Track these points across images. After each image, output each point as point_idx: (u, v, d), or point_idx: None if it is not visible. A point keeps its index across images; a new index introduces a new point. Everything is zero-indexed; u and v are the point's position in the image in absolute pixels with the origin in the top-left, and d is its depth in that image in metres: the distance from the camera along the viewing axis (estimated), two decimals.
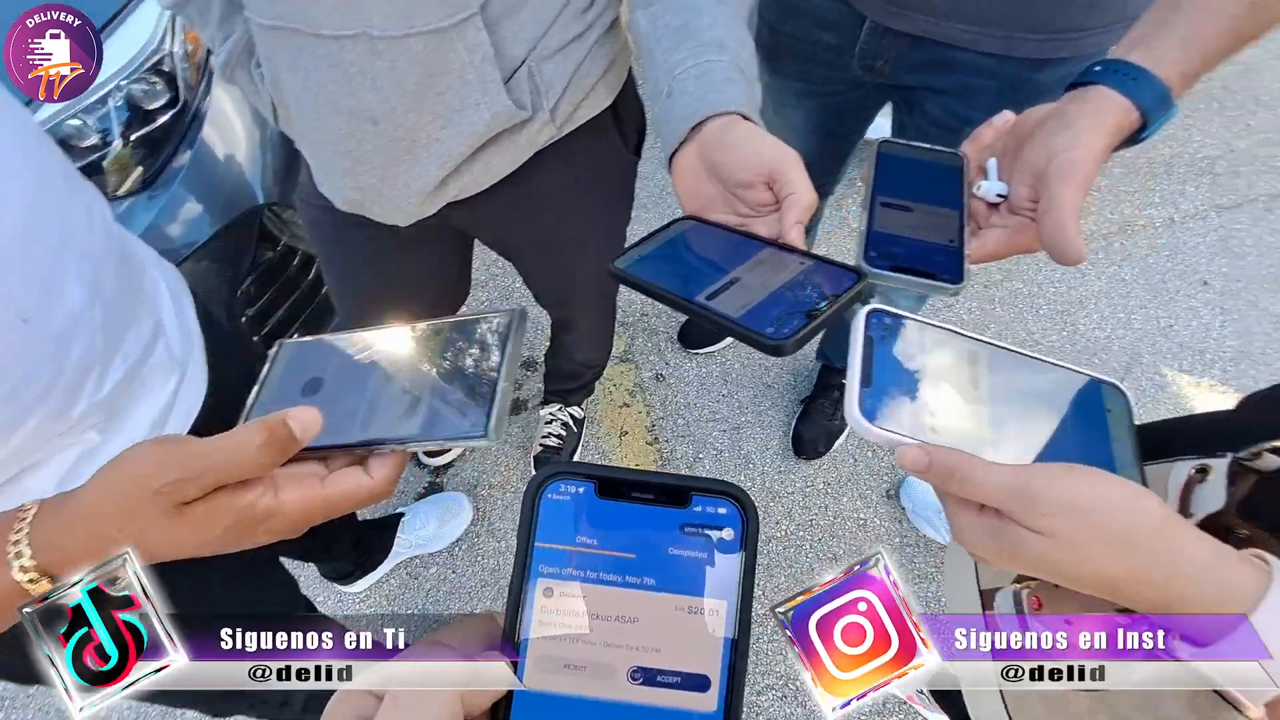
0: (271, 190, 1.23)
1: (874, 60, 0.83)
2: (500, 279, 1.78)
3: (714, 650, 0.25)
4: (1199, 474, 0.45)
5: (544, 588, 0.26)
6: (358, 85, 0.60)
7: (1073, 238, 0.42)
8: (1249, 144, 2.04)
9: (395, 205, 0.70)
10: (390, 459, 0.36)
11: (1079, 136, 0.43)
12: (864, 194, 0.50)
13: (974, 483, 0.34)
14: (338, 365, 0.40)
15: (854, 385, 0.38)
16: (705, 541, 0.27)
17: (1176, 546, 0.32)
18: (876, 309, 0.41)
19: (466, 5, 0.57)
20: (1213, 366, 1.67)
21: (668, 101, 0.50)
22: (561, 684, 0.25)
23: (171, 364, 0.61)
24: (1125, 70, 0.45)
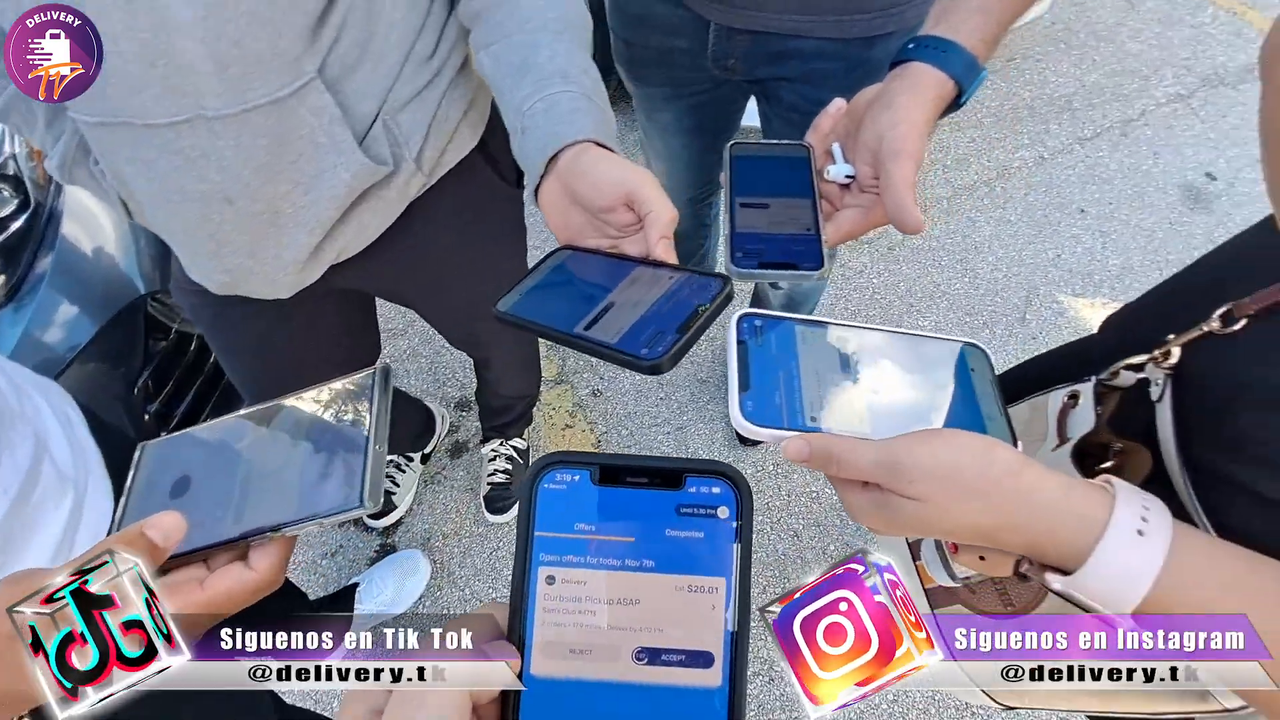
0: (152, 277, 1.17)
1: (726, 59, 0.87)
2: (420, 324, 1.74)
3: (716, 627, 0.26)
4: (1070, 400, 0.49)
5: (546, 575, 0.27)
6: (203, 168, 0.58)
7: (910, 209, 0.44)
8: (1096, 77, 2.21)
9: (271, 280, 0.67)
10: (271, 547, 0.35)
11: (901, 113, 0.46)
12: (725, 197, 0.53)
13: (849, 463, 0.36)
14: (204, 459, 0.39)
15: (733, 390, 0.40)
16: (701, 521, 0.27)
17: (1028, 488, 0.34)
18: (746, 313, 0.43)
19: (301, 72, 0.55)
20: (1101, 286, 1.79)
21: (522, 138, 0.51)
22: (568, 668, 0.26)
23: (63, 485, 0.58)
24: (934, 45, 0.49)
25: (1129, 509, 0.33)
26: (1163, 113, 2.12)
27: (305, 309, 0.81)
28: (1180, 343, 0.43)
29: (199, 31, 0.51)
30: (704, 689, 0.25)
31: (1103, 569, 0.32)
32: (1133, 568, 0.32)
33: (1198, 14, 2.35)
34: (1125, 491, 0.34)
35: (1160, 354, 0.44)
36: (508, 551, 1.45)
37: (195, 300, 0.78)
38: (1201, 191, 1.96)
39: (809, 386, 0.41)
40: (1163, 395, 0.44)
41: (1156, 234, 1.88)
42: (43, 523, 0.55)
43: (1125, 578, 0.32)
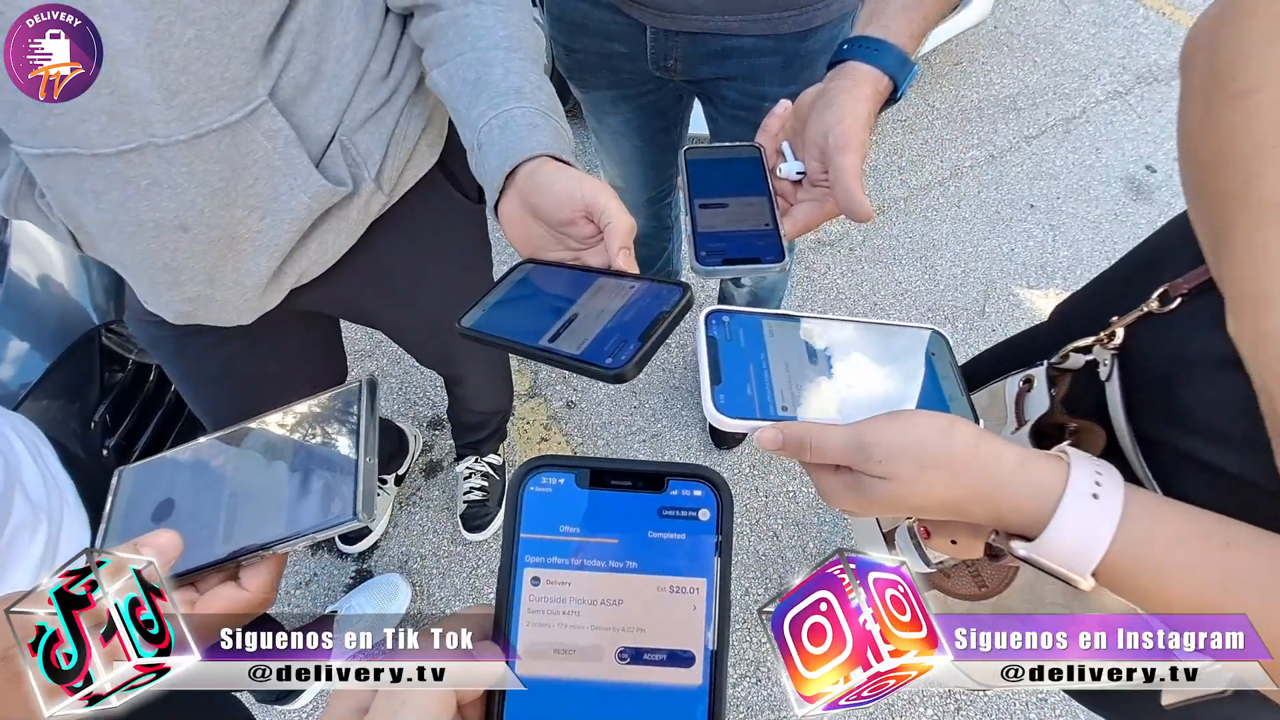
0: (105, 308, 1.14)
1: (665, 61, 0.89)
2: (386, 345, 1.72)
3: (697, 626, 0.26)
4: (1025, 384, 0.51)
5: (531, 577, 0.27)
6: (155, 196, 0.57)
7: (859, 198, 0.47)
8: (1038, 77, 2.30)
9: (232, 306, 0.66)
10: (262, 566, 0.35)
11: (844, 110, 0.49)
12: (683, 200, 0.54)
13: (819, 448, 0.38)
14: (187, 481, 0.39)
15: (705, 385, 0.41)
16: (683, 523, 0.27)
17: (988, 458, 0.36)
18: (714, 310, 0.44)
19: (253, 95, 0.55)
20: (1054, 277, 1.86)
21: (479, 155, 0.51)
22: (553, 668, 0.26)
23: (36, 516, 0.57)
24: (867, 44, 0.52)
25: (1083, 474, 0.35)
26: (1102, 110, 2.21)
27: (268, 335, 0.79)
28: (1123, 324, 0.45)
29: (143, 58, 0.50)
30: (685, 688, 0.26)
31: (1063, 531, 0.34)
32: (1090, 528, 0.34)
33: (1130, 15, 2.47)
34: (1079, 459, 0.36)
35: (1105, 336, 0.46)
36: (488, 569, 1.43)
37: (153, 332, 0.77)
38: (1143, 183, 2.04)
39: (778, 377, 0.42)
40: (1110, 374, 0.46)
41: (1103, 225, 1.95)
42: (18, 555, 0.55)
43: (1084, 538, 0.34)
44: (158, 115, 0.52)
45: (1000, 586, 0.53)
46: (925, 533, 0.51)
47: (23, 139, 0.54)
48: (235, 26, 0.52)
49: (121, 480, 0.40)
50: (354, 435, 0.36)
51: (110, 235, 0.59)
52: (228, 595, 0.34)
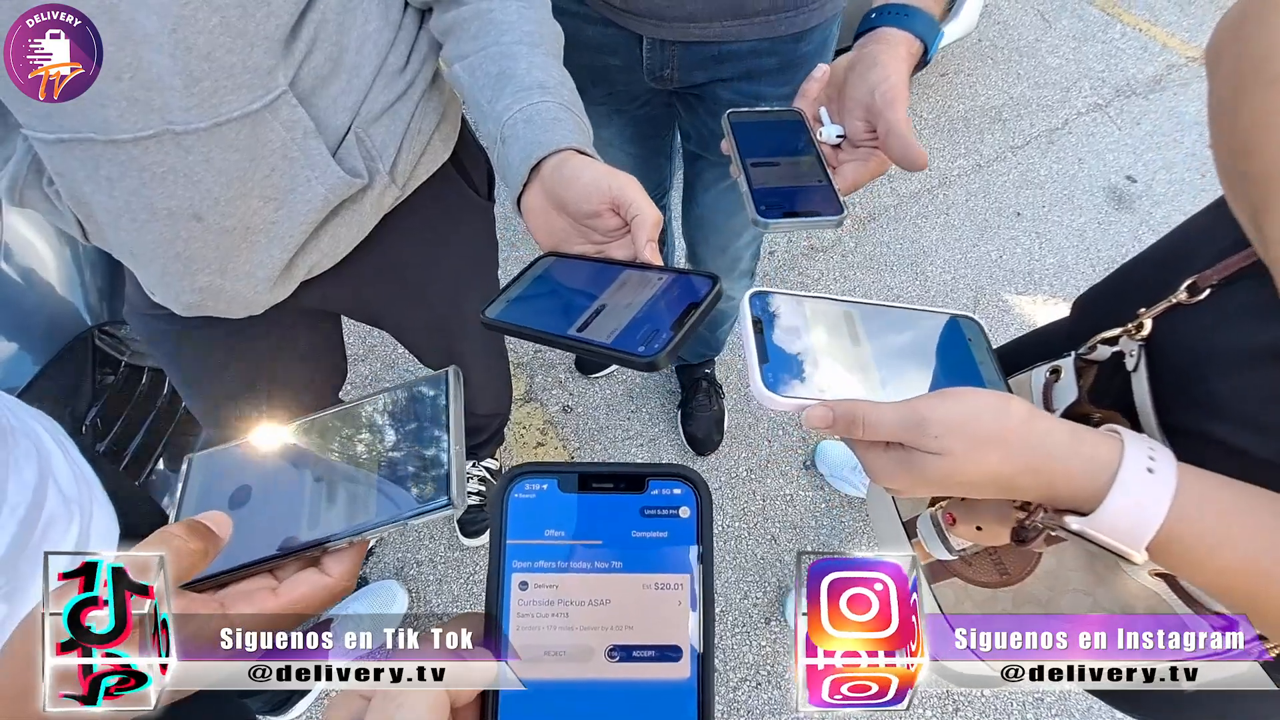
0: (99, 310, 1.11)
1: (661, 71, 0.89)
2: (380, 349, 1.70)
3: (683, 621, 0.27)
4: (1053, 375, 0.52)
5: (519, 581, 0.27)
6: (171, 184, 0.56)
7: (916, 146, 0.48)
8: (1021, 89, 2.35)
9: (242, 298, 0.66)
10: (347, 553, 0.34)
11: (887, 69, 0.51)
12: (734, 160, 0.55)
13: (873, 424, 0.38)
14: (263, 468, 0.38)
15: (753, 364, 0.41)
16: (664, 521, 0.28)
17: (1042, 433, 0.36)
18: (756, 292, 0.44)
19: (274, 85, 0.55)
20: (1041, 283, 1.89)
21: (503, 148, 0.51)
22: (544, 670, 0.26)
23: (69, 508, 0.57)
24: (896, 10, 0.54)
25: (1138, 449, 0.35)
26: (1084, 121, 2.27)
27: (270, 332, 0.78)
28: (1152, 315, 0.46)
29: (167, 44, 0.50)
30: (675, 682, 0.27)
31: (1119, 505, 0.34)
32: (1146, 501, 0.34)
33: (1108, 30, 2.54)
34: (1132, 436, 0.36)
35: (1133, 327, 0.47)
36: (484, 575, 1.42)
37: (156, 326, 0.75)
38: (1124, 193, 2.10)
39: (822, 358, 0.42)
40: (1138, 365, 0.47)
41: (1087, 233, 2.00)
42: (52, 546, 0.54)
43: (1140, 511, 0.34)
44: (177, 102, 0.52)
45: (1022, 574, 0.53)
46: (950, 519, 0.52)
47: (35, 124, 0.53)
48: (260, 14, 0.51)
49: (192, 467, 0.39)
50: (443, 422, 0.36)
51: (121, 224, 0.59)
52: (311, 580, 0.33)
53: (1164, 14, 2.57)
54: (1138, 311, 0.47)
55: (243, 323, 0.71)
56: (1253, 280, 0.41)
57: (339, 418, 0.38)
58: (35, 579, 0.52)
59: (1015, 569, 0.53)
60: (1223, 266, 0.42)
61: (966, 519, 0.49)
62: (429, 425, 0.36)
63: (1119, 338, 0.48)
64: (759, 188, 0.52)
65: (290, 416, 0.39)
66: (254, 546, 0.34)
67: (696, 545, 0.28)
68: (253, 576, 0.34)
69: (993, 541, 0.48)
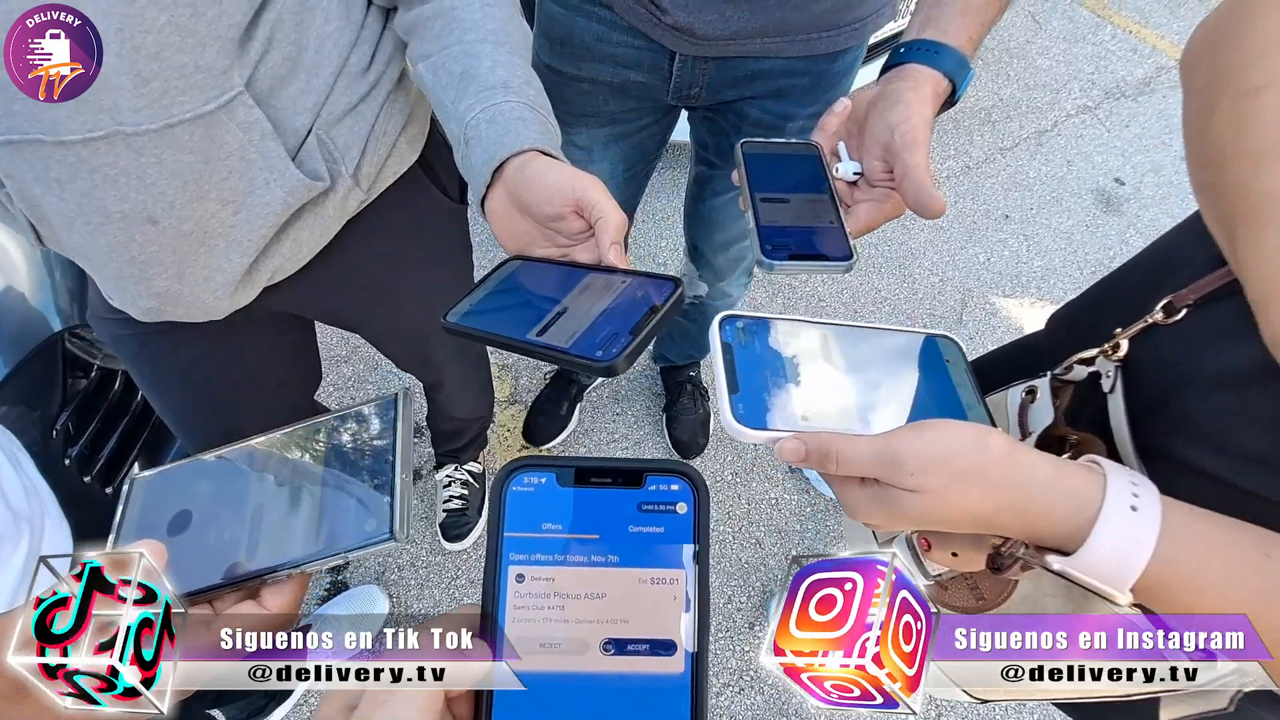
0: (69, 312, 1.09)
1: (689, 89, 0.86)
2: (363, 350, 1.69)
3: (677, 616, 0.27)
4: (1029, 395, 0.51)
5: (516, 574, 0.28)
6: (124, 187, 0.54)
7: (933, 193, 0.47)
8: (1011, 90, 2.35)
9: (202, 303, 0.64)
10: (287, 586, 0.33)
11: (910, 108, 0.49)
12: (743, 193, 0.53)
13: (847, 459, 0.37)
14: (206, 492, 0.37)
15: (723, 395, 0.40)
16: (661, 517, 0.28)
17: (1023, 469, 0.35)
18: (727, 316, 0.43)
19: (229, 85, 0.53)
20: (1029, 287, 1.89)
21: (466, 149, 0.50)
22: (539, 662, 0.27)
23: (18, 525, 0.56)
24: (926, 47, 0.52)
25: (1120, 486, 0.34)
26: (1073, 123, 2.27)
27: (237, 336, 0.77)
28: (1128, 335, 0.45)
29: (113, 43, 0.48)
30: (668, 676, 0.27)
31: (1102, 545, 0.33)
32: (1130, 542, 0.33)
33: (1098, 32, 2.54)
34: (1114, 470, 0.35)
35: (1110, 347, 0.46)
36: (467, 579, 1.41)
37: (117, 330, 0.74)
38: (1112, 196, 2.10)
39: (796, 385, 0.41)
40: (1114, 386, 0.46)
41: (1075, 236, 2.00)
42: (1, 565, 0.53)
43: (1124, 552, 0.33)
44: (127, 103, 0.50)
45: (998, 599, 0.52)
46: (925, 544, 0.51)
47: None
48: (211, 13, 0.50)
49: (134, 489, 0.38)
50: (390, 450, 0.35)
51: (75, 227, 0.57)
52: (246, 614, 0.32)
53: (1154, 16, 2.58)
54: (1114, 332, 0.46)
55: (206, 327, 0.69)
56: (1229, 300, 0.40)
57: (285, 442, 0.37)
58: None
59: (991, 595, 0.52)
60: (1198, 286, 0.41)
61: (942, 545, 0.48)
62: (375, 454, 0.35)
63: (1095, 358, 0.47)
64: (766, 225, 0.50)
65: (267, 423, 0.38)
66: (191, 575, 0.33)
67: (693, 542, 0.28)
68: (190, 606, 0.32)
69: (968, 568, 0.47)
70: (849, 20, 0.80)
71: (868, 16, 0.81)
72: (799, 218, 0.51)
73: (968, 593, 0.53)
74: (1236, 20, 0.34)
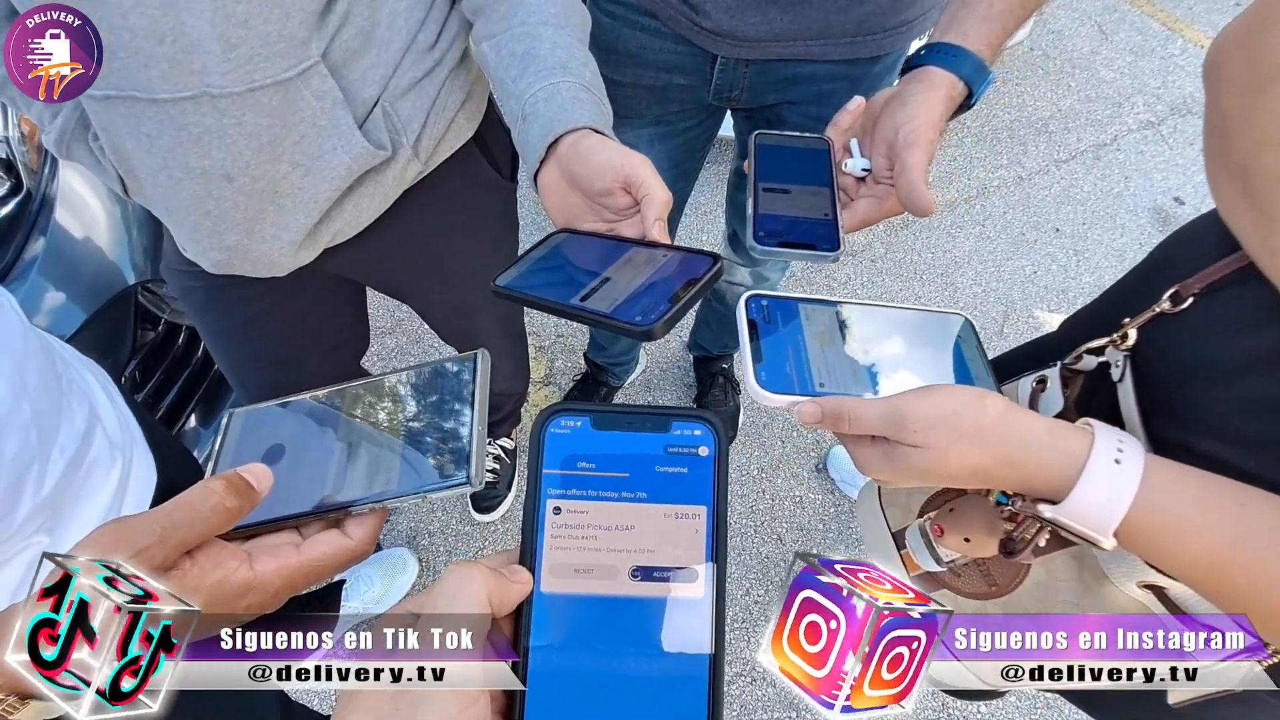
0: (143, 268, 1.17)
1: (730, 92, 0.87)
2: (407, 323, 1.75)
3: (699, 547, 0.30)
4: (1039, 384, 0.52)
5: (553, 506, 0.30)
6: (206, 145, 0.59)
7: (923, 192, 0.48)
8: (1071, 102, 2.29)
9: (267, 258, 0.69)
10: (368, 519, 0.36)
11: (916, 110, 0.51)
12: (749, 182, 0.56)
13: (857, 419, 0.40)
14: (296, 429, 0.40)
15: (748, 363, 0.44)
16: (685, 458, 0.31)
17: (1019, 428, 0.38)
18: (753, 294, 0.46)
19: (307, 55, 0.57)
20: (1075, 303, 1.85)
21: (523, 125, 0.53)
22: (573, 585, 0.29)
23: (113, 453, 0.60)
24: (945, 50, 0.53)
25: (1106, 442, 0.37)
26: (1134, 138, 2.20)
27: (296, 295, 0.82)
28: (1136, 325, 0.46)
29: (208, 10, 0.52)
30: (690, 600, 0.29)
31: (1087, 494, 0.36)
32: (1113, 491, 0.35)
33: (1168, 45, 2.46)
34: (1102, 429, 0.38)
35: (1118, 337, 0.47)
36: (494, 550, 1.45)
37: (188, 282, 0.79)
38: (1170, 215, 2.03)
39: (815, 357, 0.44)
40: (1123, 376, 0.47)
41: (1128, 254, 1.94)
42: (93, 488, 0.57)
43: (1107, 500, 0.35)
44: (216, 66, 0.55)
45: (1011, 585, 0.53)
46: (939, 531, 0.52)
47: None
48: None
49: (231, 422, 0.41)
50: (469, 402, 0.37)
51: (158, 180, 0.62)
52: (332, 541, 0.34)
53: None
54: (1122, 321, 0.46)
55: (269, 284, 0.74)
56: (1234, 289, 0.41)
57: (369, 388, 0.40)
58: (76, 515, 0.55)
59: (1004, 580, 0.53)
60: (1205, 274, 0.42)
61: (954, 530, 0.49)
62: (454, 403, 0.37)
63: (1104, 348, 0.48)
64: (763, 213, 0.53)
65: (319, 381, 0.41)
66: (283, 503, 0.36)
67: (714, 479, 0.31)
68: (279, 531, 0.35)
69: (981, 553, 0.48)
70: (894, 24, 0.80)
71: (913, 20, 0.81)
72: (796, 208, 0.53)
73: (980, 579, 0.54)
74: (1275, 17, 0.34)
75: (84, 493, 0.56)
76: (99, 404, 0.60)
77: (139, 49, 0.54)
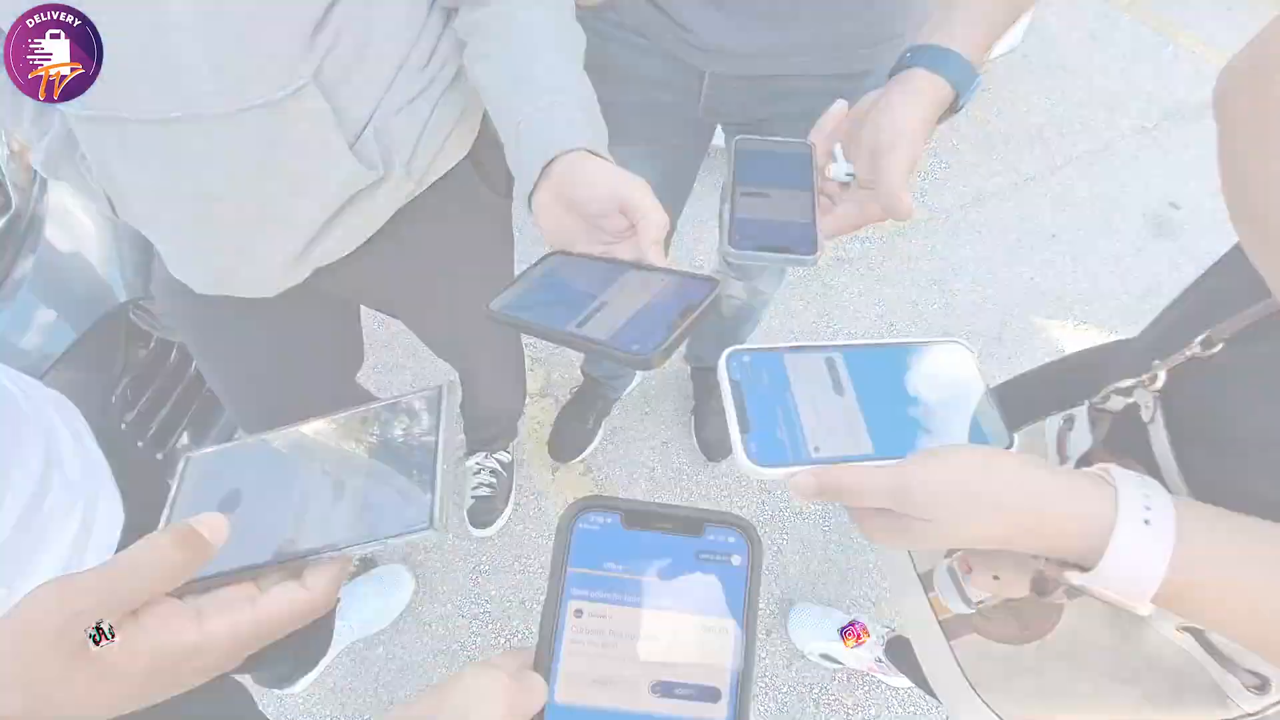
0: (134, 285, 1.15)
1: (720, 108, 0.86)
2: (403, 337, 1.73)
3: (724, 664, 0.28)
4: (1066, 423, 0.51)
5: (575, 609, 0.29)
6: (195, 166, 0.58)
7: (901, 195, 0.47)
8: (1064, 108, 2.30)
9: (256, 279, 0.68)
10: (328, 567, 0.34)
11: (898, 113, 0.50)
12: (728, 186, 0.55)
13: (859, 493, 0.37)
14: (256, 473, 0.38)
15: (735, 434, 0.40)
16: (717, 567, 0.30)
17: (1034, 490, 0.35)
18: (734, 351, 0.43)
19: (298, 75, 0.56)
20: (1072, 308, 1.85)
21: (518, 146, 0.52)
22: (590, 697, 0.28)
23: (73, 496, 0.57)
24: (931, 52, 0.52)
25: (1132, 499, 0.34)
26: (1128, 144, 2.21)
27: (289, 314, 0.80)
28: (1166, 367, 0.45)
29: (197, 30, 0.51)
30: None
31: (1118, 561, 0.33)
32: (1145, 554, 0.33)
33: (1160, 51, 2.47)
34: (1124, 481, 0.35)
35: (1147, 378, 0.46)
36: (491, 566, 1.44)
37: (178, 301, 0.78)
38: (1166, 220, 2.04)
39: (807, 416, 0.41)
40: (1154, 417, 0.45)
41: (1124, 259, 1.94)
42: (53, 533, 0.55)
43: (1140, 565, 0.33)
44: (204, 87, 0.54)
45: (1044, 629, 0.51)
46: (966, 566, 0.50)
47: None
48: (289, 6, 0.53)
49: (188, 467, 0.39)
50: (432, 441, 0.35)
51: (146, 200, 0.61)
52: (290, 594, 0.33)
53: (1219, 36, 2.49)
54: (1152, 363, 0.45)
55: (260, 302, 0.73)
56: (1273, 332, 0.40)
57: (332, 428, 0.38)
58: (34, 565, 0.52)
59: (1036, 623, 0.51)
60: (1237, 321, 0.41)
61: (983, 567, 0.47)
62: (419, 444, 0.36)
63: (1133, 389, 0.46)
64: (741, 217, 0.51)
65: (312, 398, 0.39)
66: (239, 553, 0.34)
67: (745, 593, 0.29)
68: (234, 584, 0.33)
69: (1011, 593, 0.46)
70: (882, 37, 0.79)
71: (903, 33, 0.80)
72: (774, 212, 0.52)
73: (1012, 621, 0.52)
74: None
75: (44, 539, 0.53)
76: (60, 444, 0.58)
77: (125, 69, 0.53)
